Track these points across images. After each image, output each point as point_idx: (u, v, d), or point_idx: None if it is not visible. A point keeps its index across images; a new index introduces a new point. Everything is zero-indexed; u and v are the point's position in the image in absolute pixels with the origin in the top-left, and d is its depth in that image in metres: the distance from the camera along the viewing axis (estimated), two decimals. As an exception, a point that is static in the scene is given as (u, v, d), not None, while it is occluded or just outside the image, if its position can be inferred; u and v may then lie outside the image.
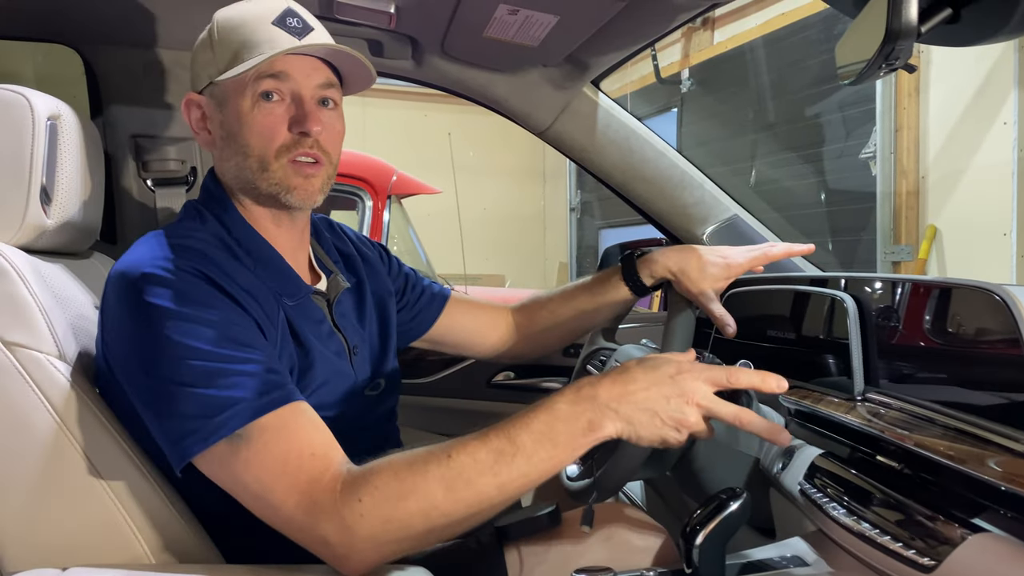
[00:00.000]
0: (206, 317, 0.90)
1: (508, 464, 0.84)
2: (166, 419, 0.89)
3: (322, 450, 0.89)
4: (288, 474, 0.86)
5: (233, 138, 1.04)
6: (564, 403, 0.87)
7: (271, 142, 1.02)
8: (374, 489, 0.84)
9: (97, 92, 1.58)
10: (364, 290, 1.24)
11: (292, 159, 1.03)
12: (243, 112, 1.02)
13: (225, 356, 0.89)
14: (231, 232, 1.06)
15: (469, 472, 0.84)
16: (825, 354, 1.25)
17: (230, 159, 1.06)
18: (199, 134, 1.10)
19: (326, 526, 0.84)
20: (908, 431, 0.95)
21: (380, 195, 3.85)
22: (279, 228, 1.10)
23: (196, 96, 1.09)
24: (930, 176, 4.40)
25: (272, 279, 1.05)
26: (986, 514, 0.78)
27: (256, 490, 0.87)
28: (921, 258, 4.34)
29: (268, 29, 1.02)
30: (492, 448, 0.85)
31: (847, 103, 4.79)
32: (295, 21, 1.04)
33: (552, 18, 1.38)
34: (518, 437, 0.85)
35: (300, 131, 1.02)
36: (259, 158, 1.03)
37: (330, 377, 1.06)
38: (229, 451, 0.87)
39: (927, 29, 0.89)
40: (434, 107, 7.24)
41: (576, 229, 8.33)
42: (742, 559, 0.99)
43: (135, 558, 0.93)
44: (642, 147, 1.80)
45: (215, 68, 1.04)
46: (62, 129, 1.07)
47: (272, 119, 1.02)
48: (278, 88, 1.02)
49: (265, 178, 1.04)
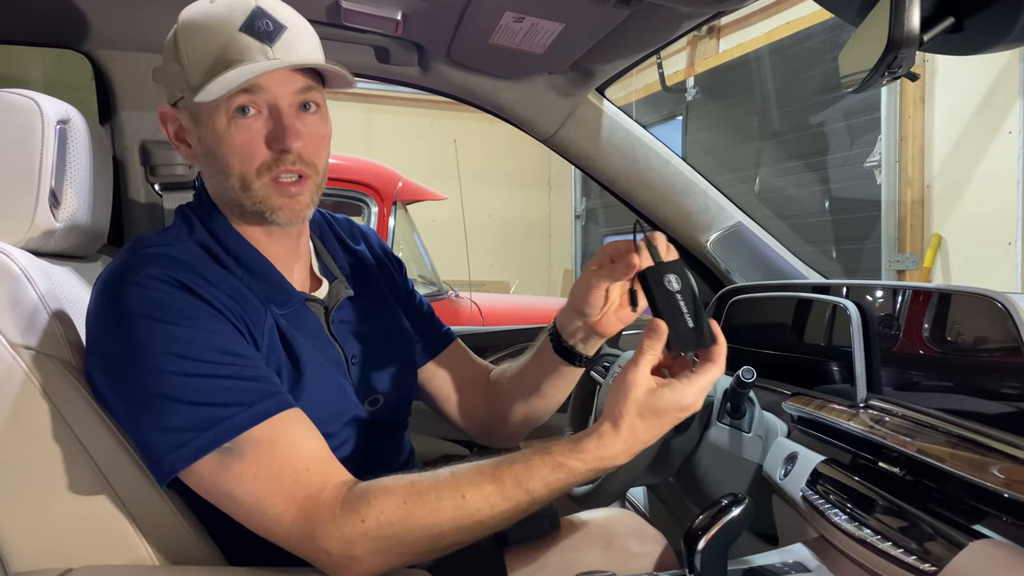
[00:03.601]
0: (187, 327, 0.88)
1: (522, 511, 0.87)
2: (149, 433, 0.87)
3: (318, 464, 0.88)
4: (284, 489, 0.85)
5: (212, 156, 0.99)
6: (582, 467, 0.87)
7: (251, 161, 0.96)
8: (379, 513, 0.84)
9: (106, 97, 1.59)
10: (376, 294, 1.18)
11: (274, 178, 0.98)
12: (219, 130, 0.96)
13: (209, 366, 0.87)
14: (219, 240, 1.02)
15: (481, 515, 0.85)
16: (828, 361, 1.25)
17: (212, 176, 1.01)
18: (179, 147, 1.04)
19: (325, 542, 0.84)
20: (910, 438, 0.95)
21: (386, 201, 3.86)
22: (271, 239, 1.05)
23: (170, 109, 1.02)
24: (935, 185, 4.40)
25: (261, 287, 1.01)
26: (987, 520, 0.78)
27: (250, 505, 0.86)
28: (926, 267, 4.34)
29: (238, 39, 0.94)
30: (507, 496, 0.86)
31: (852, 112, 4.79)
32: (265, 23, 0.95)
33: (557, 26, 1.38)
34: (535, 489, 0.86)
35: (279, 149, 0.96)
36: (240, 177, 0.97)
37: (323, 389, 1.02)
38: (219, 465, 0.85)
39: (929, 38, 0.89)
40: (440, 114, 7.25)
41: (581, 236, 8.32)
42: (744, 565, 0.99)
43: (138, 559, 0.93)
44: (647, 154, 1.80)
45: (185, 84, 0.97)
46: (71, 133, 1.08)
47: (249, 136, 0.96)
48: (253, 101, 0.95)
49: (248, 196, 0.98)
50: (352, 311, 1.13)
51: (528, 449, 0.89)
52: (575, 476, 0.87)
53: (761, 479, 1.19)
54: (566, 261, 8.50)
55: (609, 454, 0.86)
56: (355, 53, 1.65)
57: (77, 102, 1.16)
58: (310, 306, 1.07)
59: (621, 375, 0.87)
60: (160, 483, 0.88)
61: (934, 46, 0.92)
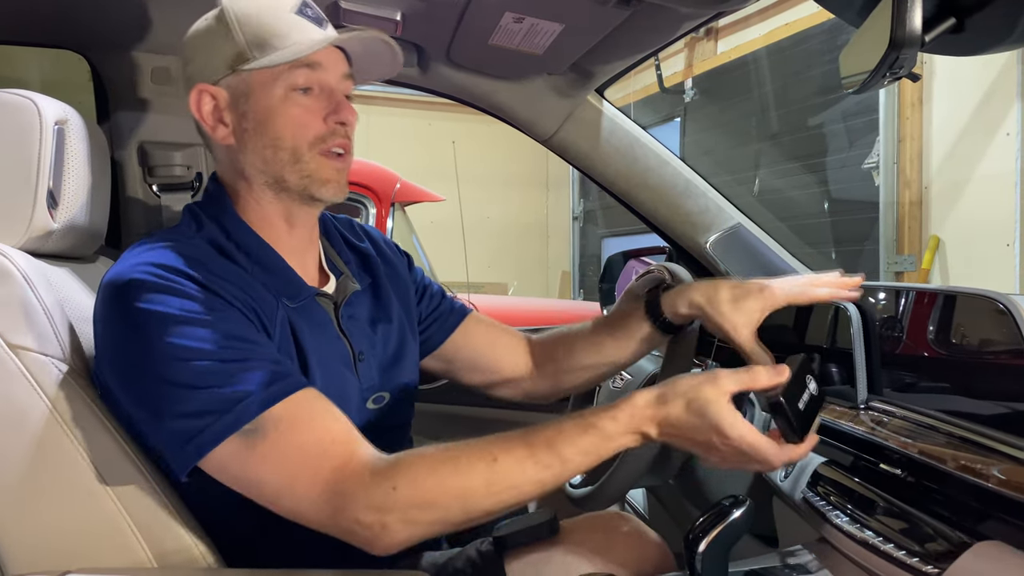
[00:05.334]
0: (199, 316, 0.88)
1: (553, 475, 0.86)
2: (168, 422, 0.86)
3: (344, 435, 0.87)
4: (310, 465, 0.85)
5: (262, 129, 1.01)
6: (614, 426, 0.86)
7: (306, 133, 1.01)
8: (412, 480, 0.83)
9: (104, 98, 1.59)
10: (382, 293, 1.18)
11: (324, 150, 1.02)
12: (275, 103, 1.00)
13: (224, 352, 0.87)
14: (229, 235, 1.03)
15: (514, 478, 0.85)
16: (828, 362, 1.25)
17: (257, 152, 1.02)
18: (214, 127, 1.03)
19: (357, 511, 0.83)
20: (911, 439, 0.95)
21: (384, 202, 3.86)
22: (291, 227, 1.07)
23: (208, 87, 1.02)
24: (933, 187, 4.40)
25: (272, 281, 1.01)
26: (989, 522, 0.78)
27: (276, 485, 0.85)
28: (924, 268, 4.34)
29: (292, 18, 1.00)
30: (539, 460, 0.85)
31: (850, 113, 4.80)
32: (312, 11, 1.03)
33: (557, 26, 1.38)
34: (565, 451, 0.85)
35: (337, 120, 1.02)
36: (292, 150, 1.01)
37: (329, 384, 1.01)
38: (244, 447, 0.85)
39: (931, 38, 0.89)
40: (438, 115, 7.25)
41: (579, 237, 8.33)
42: (745, 567, 0.98)
43: (136, 562, 0.93)
44: (646, 155, 1.80)
45: (237, 57, 1.00)
46: (69, 133, 1.07)
47: (306, 110, 1.01)
48: (312, 77, 1.01)
49: (297, 170, 1.01)
50: (360, 307, 1.14)
51: (562, 416, 0.89)
52: (606, 439, 0.86)
53: (761, 481, 1.19)
54: (564, 263, 8.50)
55: (643, 419, 0.86)
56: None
57: (75, 103, 1.15)
58: (320, 301, 1.08)
59: (714, 372, 0.87)
60: (180, 473, 0.87)
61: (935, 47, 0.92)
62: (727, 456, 0.86)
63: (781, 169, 5.41)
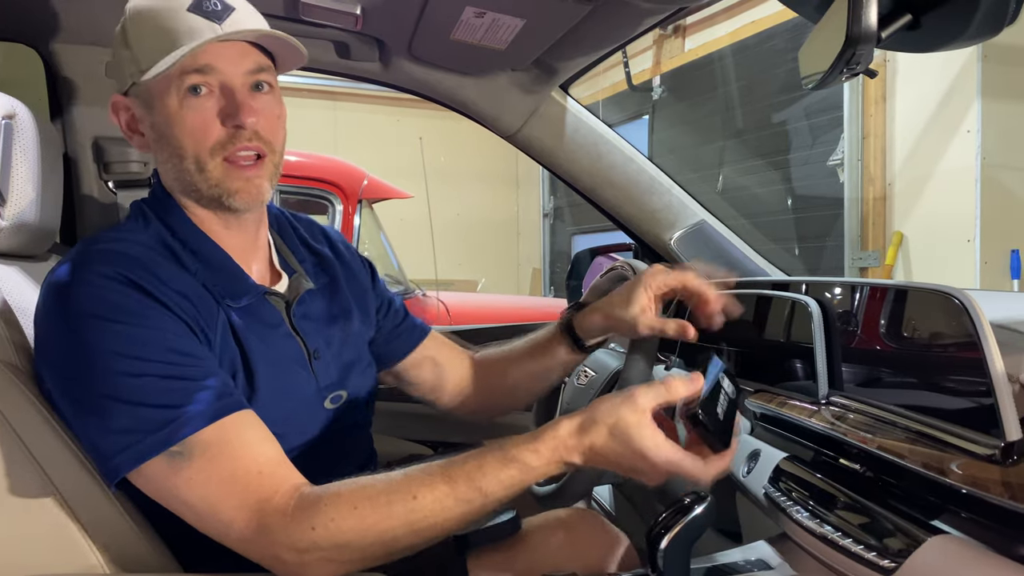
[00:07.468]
0: (137, 327, 0.86)
1: (475, 510, 0.85)
2: (97, 435, 0.85)
3: (270, 467, 0.86)
4: (235, 494, 0.84)
5: (165, 140, 0.98)
6: (536, 459, 0.86)
7: (204, 139, 0.96)
8: (329, 521, 0.82)
9: (57, 93, 1.55)
10: (338, 292, 1.17)
11: (229, 157, 0.97)
12: (171, 111, 0.96)
13: (160, 367, 0.85)
14: (175, 233, 1.01)
15: (435, 517, 0.84)
16: (790, 358, 1.25)
17: (166, 162, 1.00)
18: (132, 137, 1.03)
19: (277, 549, 0.83)
20: (871, 434, 0.96)
21: (351, 199, 3.83)
22: (228, 230, 1.04)
23: (121, 98, 1.01)
24: (896, 183, 4.46)
25: (218, 280, 0.99)
26: (946, 516, 0.79)
27: (201, 509, 0.85)
28: (888, 264, 4.40)
29: (185, 18, 0.94)
30: (460, 497, 0.84)
31: (814, 110, 4.84)
32: (212, 3, 0.95)
33: (519, 21, 1.38)
34: (488, 487, 0.85)
35: (234, 124, 0.96)
36: (194, 158, 0.97)
37: (281, 384, 1.01)
38: (169, 468, 0.84)
39: (887, 35, 0.90)
40: (406, 112, 7.21)
41: (549, 235, 8.33)
42: (707, 563, 0.98)
43: (88, 568, 0.90)
44: (610, 152, 1.80)
45: (135, 67, 0.96)
46: (17, 129, 1.05)
47: (202, 115, 0.95)
48: (205, 81, 0.95)
49: (204, 179, 0.97)
50: (314, 306, 1.12)
51: (486, 446, 0.88)
52: (529, 472, 0.85)
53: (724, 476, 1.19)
54: (535, 260, 8.50)
55: (565, 449, 0.86)
56: (314, 48, 1.62)
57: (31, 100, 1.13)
58: (270, 299, 1.06)
59: (631, 392, 0.86)
60: (109, 484, 0.86)
61: (892, 43, 0.92)
62: (656, 477, 0.86)
63: (747, 166, 5.46)
